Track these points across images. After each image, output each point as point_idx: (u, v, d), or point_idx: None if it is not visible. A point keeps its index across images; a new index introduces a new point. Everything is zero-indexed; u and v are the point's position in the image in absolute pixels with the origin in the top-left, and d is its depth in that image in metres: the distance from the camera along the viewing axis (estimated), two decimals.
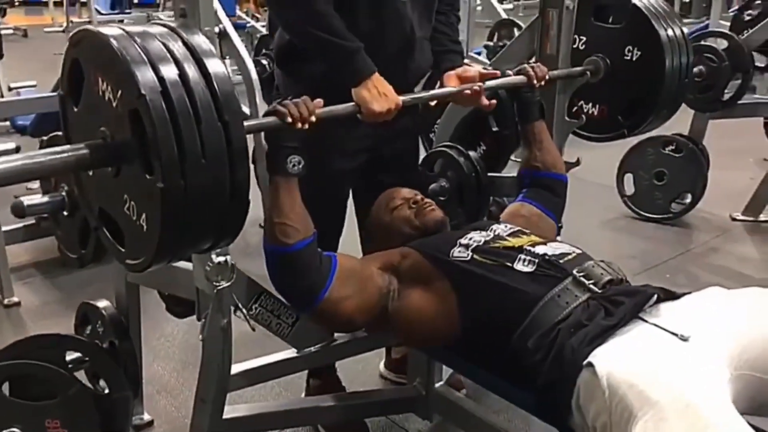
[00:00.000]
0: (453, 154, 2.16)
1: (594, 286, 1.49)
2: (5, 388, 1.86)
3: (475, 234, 1.69)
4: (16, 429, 1.84)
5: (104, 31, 1.23)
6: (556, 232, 1.94)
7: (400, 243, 1.77)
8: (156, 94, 1.17)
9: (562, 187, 1.99)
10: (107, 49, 1.20)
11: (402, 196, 1.89)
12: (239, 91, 1.63)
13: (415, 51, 1.99)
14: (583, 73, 2.20)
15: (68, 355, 1.95)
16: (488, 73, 1.95)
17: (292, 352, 1.91)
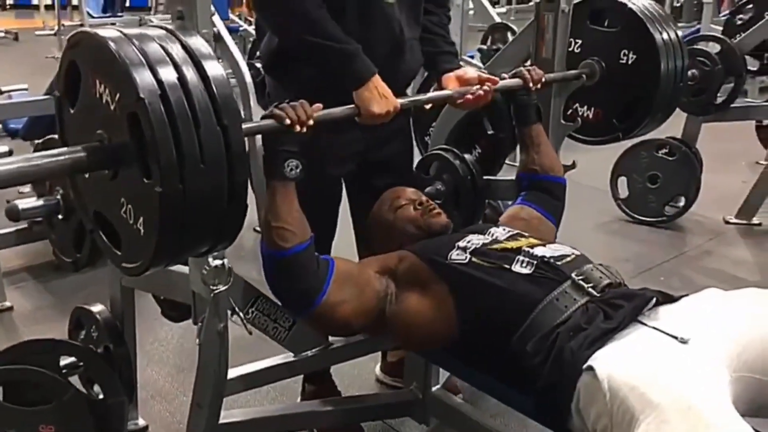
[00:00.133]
0: (448, 157, 2.15)
1: (593, 289, 1.49)
2: None
3: (474, 237, 1.69)
4: None
5: (102, 33, 1.22)
6: (555, 235, 1.93)
7: (401, 242, 1.77)
8: (155, 97, 1.16)
9: (560, 189, 1.99)
10: (105, 52, 1.19)
11: (407, 197, 1.88)
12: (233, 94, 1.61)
13: (405, 52, 1.98)
14: (579, 77, 2.20)
15: (62, 360, 1.94)
16: (487, 78, 1.94)
17: (289, 357, 1.89)
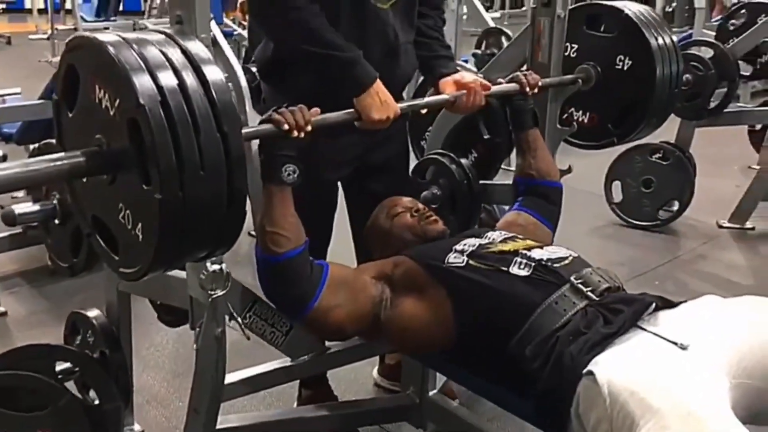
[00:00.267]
0: (445, 161, 2.15)
1: (592, 293, 1.49)
2: None
3: (471, 240, 1.69)
4: None
5: (102, 37, 1.21)
6: (552, 240, 1.93)
7: (398, 250, 1.77)
8: (155, 103, 1.15)
9: (557, 194, 2.00)
10: (105, 56, 1.18)
11: (403, 205, 1.89)
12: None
13: (400, 57, 1.98)
14: (575, 81, 2.21)
15: (58, 366, 1.93)
16: (484, 85, 1.95)
17: (286, 361, 1.89)
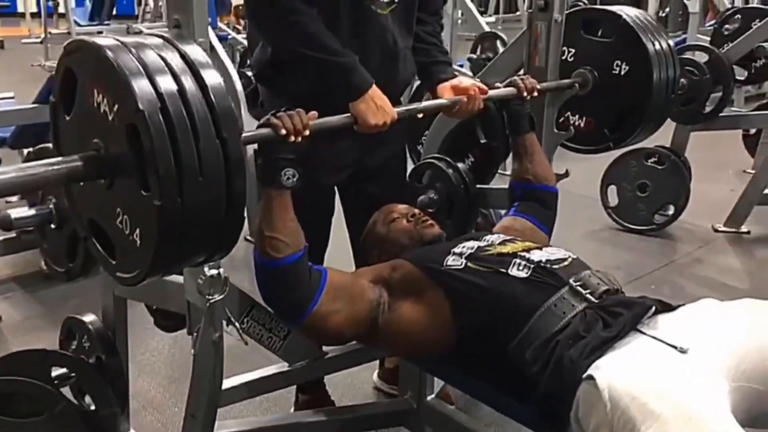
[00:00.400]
0: (441, 165, 2.15)
1: (591, 296, 1.48)
2: None
3: (469, 243, 1.69)
4: None
5: (100, 41, 1.21)
6: (548, 244, 1.93)
7: (395, 254, 1.76)
8: (155, 109, 1.14)
9: (553, 199, 2.00)
10: (104, 61, 1.17)
11: (399, 211, 1.89)
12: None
13: (398, 63, 1.98)
14: (572, 86, 2.21)
15: (54, 371, 1.91)
16: (481, 89, 1.94)
17: (284, 366, 1.88)
